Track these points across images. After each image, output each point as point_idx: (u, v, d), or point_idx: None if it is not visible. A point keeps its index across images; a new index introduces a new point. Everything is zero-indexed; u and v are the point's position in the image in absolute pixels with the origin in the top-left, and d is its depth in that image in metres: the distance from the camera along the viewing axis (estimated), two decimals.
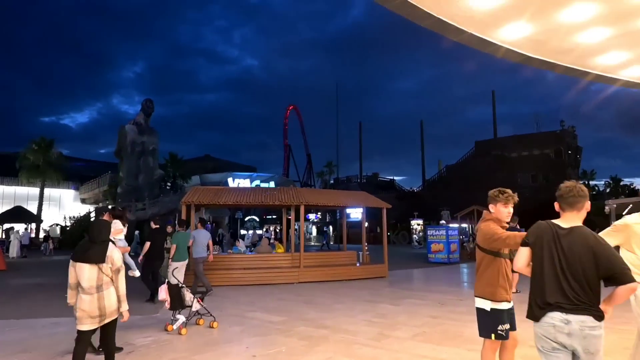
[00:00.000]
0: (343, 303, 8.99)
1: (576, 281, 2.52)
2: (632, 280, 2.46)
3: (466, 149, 54.32)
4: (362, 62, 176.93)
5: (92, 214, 38.86)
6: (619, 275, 2.47)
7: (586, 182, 55.70)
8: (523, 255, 2.79)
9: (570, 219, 2.70)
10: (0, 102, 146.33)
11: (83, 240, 4.27)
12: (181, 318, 6.55)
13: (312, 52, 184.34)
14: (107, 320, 4.14)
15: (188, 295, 6.67)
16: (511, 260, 3.44)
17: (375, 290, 10.96)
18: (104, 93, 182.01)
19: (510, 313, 3.59)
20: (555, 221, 2.77)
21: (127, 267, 5.71)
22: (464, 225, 28.08)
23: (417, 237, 36.64)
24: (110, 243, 4.29)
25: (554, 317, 2.54)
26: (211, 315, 6.83)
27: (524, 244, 2.82)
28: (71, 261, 4.16)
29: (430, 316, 7.57)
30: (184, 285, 6.72)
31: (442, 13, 4.73)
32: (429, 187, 55.44)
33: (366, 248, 15.67)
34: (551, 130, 45.33)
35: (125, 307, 4.23)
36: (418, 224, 36.98)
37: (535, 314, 2.64)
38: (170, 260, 8.80)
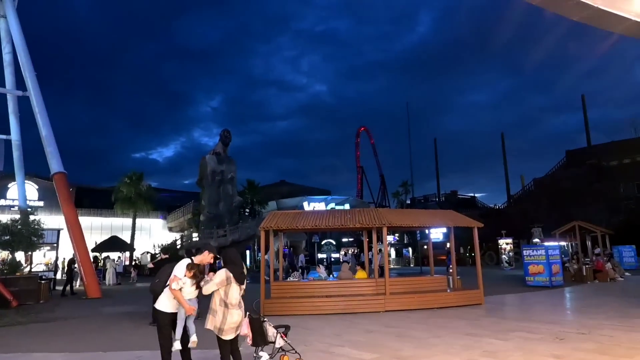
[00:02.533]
0: (440, 337, 7.93)
1: None
2: None
3: (551, 162, 50.29)
4: (431, 79, 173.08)
5: (178, 242, 40.75)
6: None
7: None
8: None
9: None
10: (98, 142, 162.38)
11: (230, 266, 5.14)
12: (264, 355, 5.96)
13: (379, 73, 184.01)
14: (238, 331, 5.20)
15: (271, 330, 6.08)
16: None
17: (473, 321, 9.70)
18: (186, 128, 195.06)
19: None
20: None
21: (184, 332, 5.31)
22: (563, 243, 25.28)
23: (507, 258, 33.78)
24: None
25: None
26: (296, 352, 6.18)
27: None
28: (225, 278, 5.00)
29: (552, 356, 6.30)
30: (266, 319, 6.16)
31: None
32: (515, 204, 51.60)
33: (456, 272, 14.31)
34: None
35: None
36: (507, 244, 34.13)
37: None
38: None
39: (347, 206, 48.62)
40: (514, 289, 16.98)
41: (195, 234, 39.41)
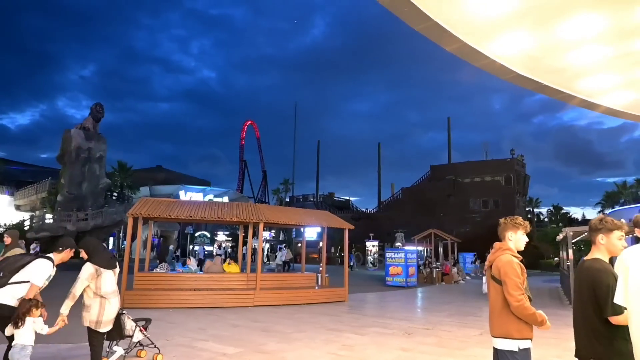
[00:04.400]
0: (304, 332, 8.23)
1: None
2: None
3: (418, 173, 55.50)
4: (320, 82, 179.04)
5: (27, 223, 35.87)
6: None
7: (531, 210, 58.25)
8: None
9: (591, 252, 2.92)
10: None
11: (94, 257, 4.71)
12: (119, 350, 5.58)
13: (271, 68, 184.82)
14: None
15: (129, 323, 5.70)
16: (529, 298, 3.05)
17: (336, 317, 10.27)
18: (48, 95, 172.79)
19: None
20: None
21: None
22: (420, 248, 28.10)
23: (372, 259, 36.40)
24: None
25: None
26: (155, 346, 5.89)
27: None
28: (94, 271, 4.61)
29: (400, 349, 6.97)
30: (124, 312, 5.75)
31: (440, 16, 4.29)
32: (384, 209, 55.82)
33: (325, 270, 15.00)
34: (502, 159, 47.10)
35: None
36: (374, 246, 36.79)
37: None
38: None
39: (226, 199, 47.79)
40: (375, 288, 18.38)
41: (49, 215, 34.99)
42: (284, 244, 40.89)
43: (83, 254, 4.82)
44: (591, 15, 4.30)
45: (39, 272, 4.34)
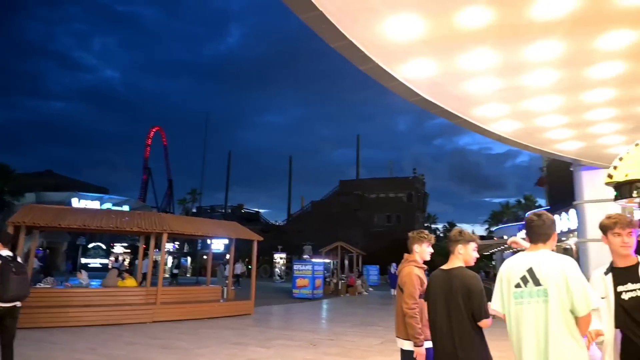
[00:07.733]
0: (207, 347, 7.90)
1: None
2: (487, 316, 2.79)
3: (327, 187, 56.99)
4: (234, 92, 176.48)
5: None
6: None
7: (429, 225, 62.64)
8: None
9: (450, 262, 3.03)
10: None
11: None
12: None
13: (183, 74, 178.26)
14: None
15: None
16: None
17: (241, 330, 10.03)
18: None
19: None
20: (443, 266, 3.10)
21: None
22: (327, 260, 28.66)
23: (279, 271, 36.31)
24: None
25: None
26: None
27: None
28: None
29: None
30: None
31: (355, 36, 4.49)
32: (294, 222, 56.21)
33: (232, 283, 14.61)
34: (405, 177, 50.16)
35: None
36: (281, 258, 36.78)
37: None
38: None
39: (126, 208, 44.67)
40: (281, 300, 18.31)
41: None
42: (239, 260, 39.21)
43: None
44: (485, 49, 4.80)
45: None
